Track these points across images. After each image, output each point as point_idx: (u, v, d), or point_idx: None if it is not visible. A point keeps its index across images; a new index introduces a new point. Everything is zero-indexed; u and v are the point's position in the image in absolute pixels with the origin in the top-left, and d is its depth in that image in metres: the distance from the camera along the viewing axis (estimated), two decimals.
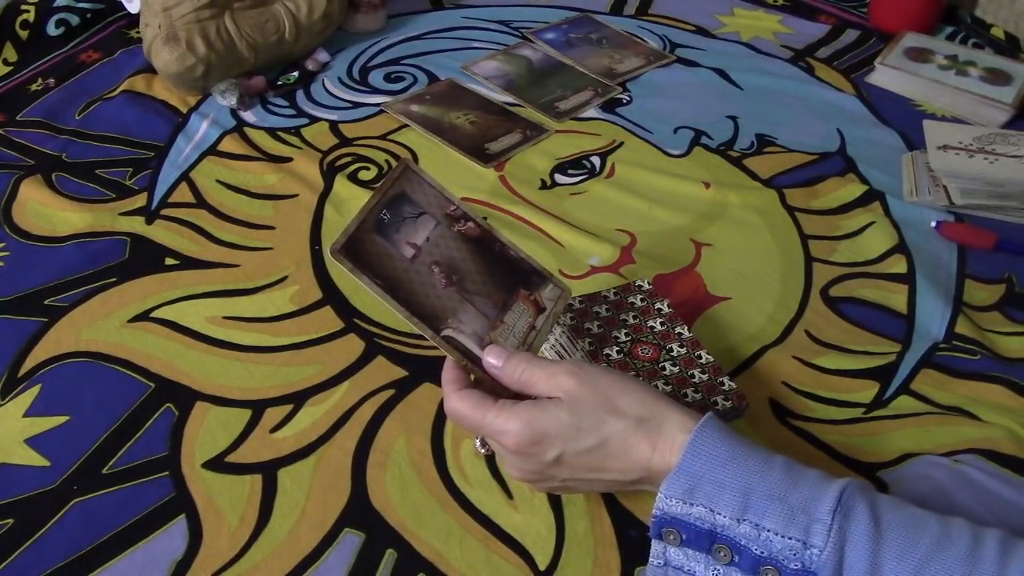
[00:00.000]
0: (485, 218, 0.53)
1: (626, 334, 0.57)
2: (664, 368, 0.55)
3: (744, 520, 0.40)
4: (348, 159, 0.80)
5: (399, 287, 0.48)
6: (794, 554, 0.39)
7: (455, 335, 0.48)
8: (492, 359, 0.48)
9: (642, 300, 0.60)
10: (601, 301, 0.59)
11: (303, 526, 0.50)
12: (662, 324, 0.58)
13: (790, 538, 0.39)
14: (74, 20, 0.95)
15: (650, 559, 0.43)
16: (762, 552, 0.40)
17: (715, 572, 0.41)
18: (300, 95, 0.88)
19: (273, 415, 0.56)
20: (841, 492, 0.40)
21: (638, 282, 0.61)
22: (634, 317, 0.58)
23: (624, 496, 0.52)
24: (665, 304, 0.59)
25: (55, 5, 0.94)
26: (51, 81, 0.88)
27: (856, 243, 0.72)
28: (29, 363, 0.59)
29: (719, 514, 0.40)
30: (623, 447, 0.44)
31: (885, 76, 0.94)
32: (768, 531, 0.40)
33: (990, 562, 0.38)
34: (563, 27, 1.02)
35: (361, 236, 0.48)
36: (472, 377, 0.48)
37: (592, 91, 0.91)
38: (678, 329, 0.58)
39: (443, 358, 0.48)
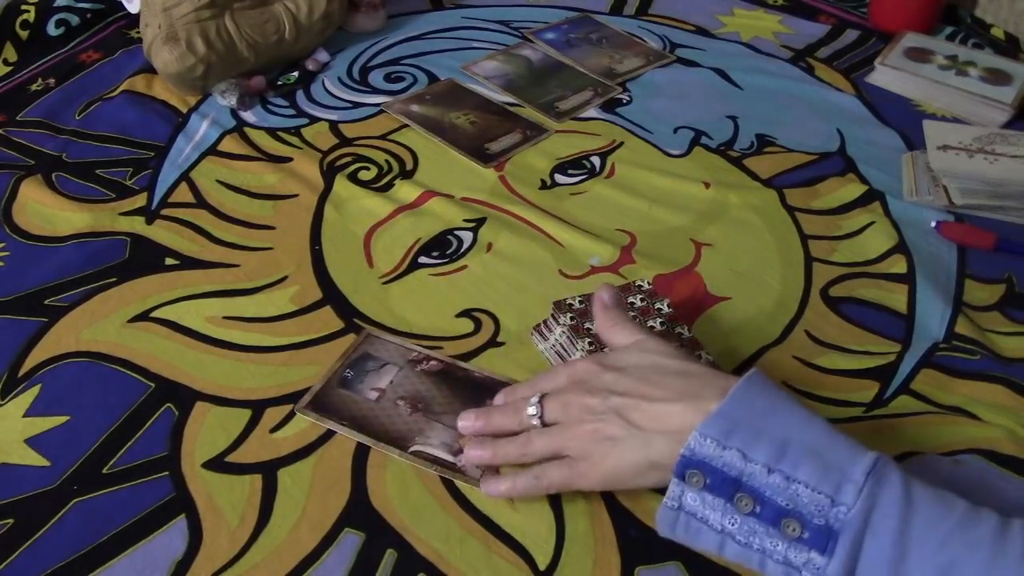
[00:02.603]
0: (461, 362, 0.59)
1: None
2: None
3: (776, 470, 0.40)
4: (348, 159, 0.80)
5: (365, 423, 0.55)
6: (820, 510, 0.39)
7: (423, 448, 0.53)
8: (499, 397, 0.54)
9: (642, 300, 0.60)
10: None
11: (303, 526, 0.50)
12: (662, 324, 0.58)
13: (820, 493, 0.39)
14: (74, 20, 0.95)
15: (664, 500, 0.43)
16: (787, 504, 0.39)
17: (732, 521, 0.41)
18: (300, 95, 0.88)
19: (273, 415, 0.56)
20: (877, 459, 0.40)
21: (638, 282, 0.61)
22: (634, 317, 0.58)
23: (624, 496, 0.52)
24: (665, 304, 0.59)
25: (55, 5, 0.94)
26: (51, 81, 0.88)
27: (856, 243, 0.72)
28: (29, 363, 0.59)
29: (752, 461, 0.40)
30: (701, 377, 0.45)
31: (885, 76, 0.94)
32: (799, 483, 0.39)
33: (1018, 543, 0.38)
34: (563, 27, 1.02)
35: (327, 392, 0.57)
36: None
37: (592, 91, 0.91)
38: (678, 329, 0.58)
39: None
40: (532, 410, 0.50)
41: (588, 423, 0.47)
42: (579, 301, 0.59)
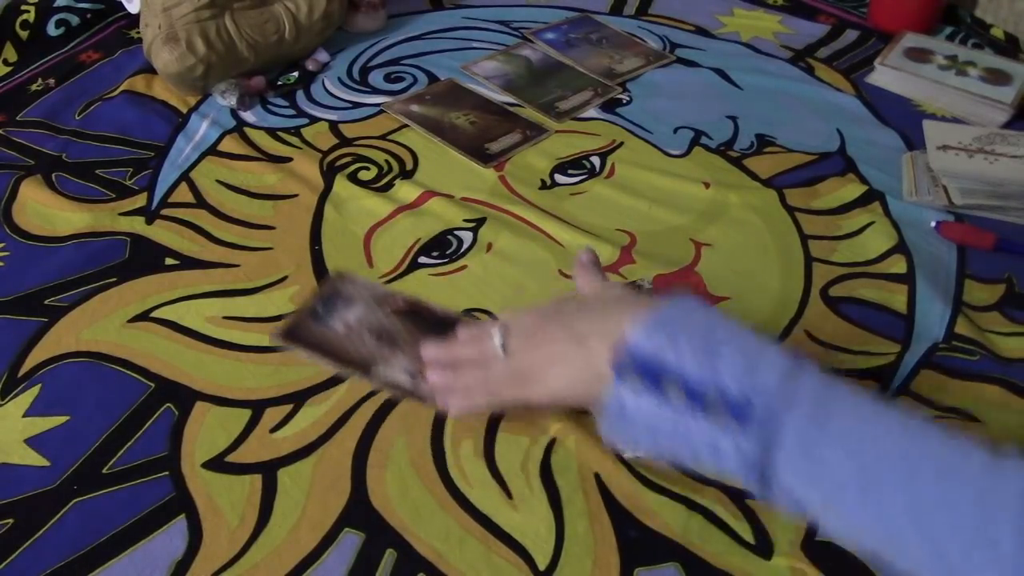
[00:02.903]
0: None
1: None
2: None
3: (702, 360, 0.42)
4: (348, 159, 0.80)
5: (332, 352, 0.58)
6: (741, 391, 0.41)
7: (384, 371, 0.56)
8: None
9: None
10: None
11: (303, 526, 0.50)
12: None
13: (743, 377, 0.41)
14: (74, 20, 0.95)
15: (605, 400, 0.45)
16: (712, 388, 0.42)
17: (662, 410, 0.43)
18: (300, 95, 0.88)
19: (273, 415, 0.56)
20: (797, 354, 0.42)
21: (639, 281, 0.61)
22: None
23: (624, 496, 0.52)
24: None
25: (55, 5, 0.94)
26: (51, 81, 0.88)
27: (856, 243, 0.72)
28: (29, 363, 0.59)
29: (679, 353, 0.43)
30: (649, 300, 0.48)
31: (885, 76, 0.94)
32: (723, 371, 0.42)
33: (935, 430, 0.40)
34: (563, 27, 1.02)
35: (298, 323, 0.60)
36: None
37: (592, 91, 0.91)
38: None
39: None
40: (496, 339, 0.52)
41: (546, 347, 0.50)
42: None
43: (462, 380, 0.53)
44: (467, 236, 0.71)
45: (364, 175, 0.78)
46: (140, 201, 0.73)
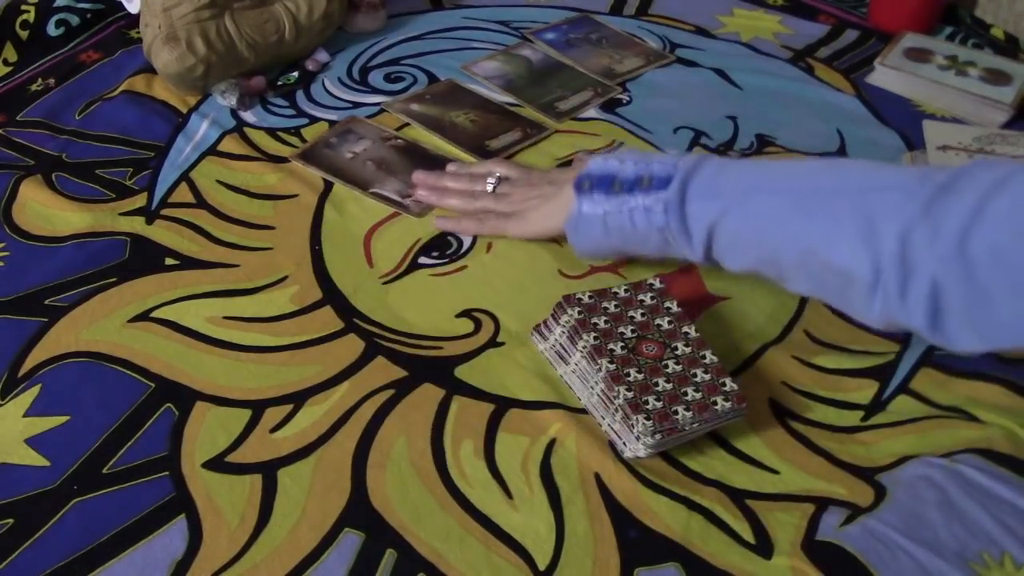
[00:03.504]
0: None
1: (632, 331, 0.57)
2: (667, 366, 0.55)
3: (642, 163, 0.60)
4: None
5: (338, 172, 0.76)
6: (664, 167, 0.58)
7: (379, 189, 0.74)
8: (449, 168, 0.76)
9: (652, 298, 0.60)
10: (611, 297, 0.59)
11: (303, 526, 0.50)
12: (669, 323, 0.58)
13: (668, 163, 0.59)
14: (74, 20, 0.95)
15: (568, 214, 0.62)
16: (644, 173, 0.59)
17: (609, 202, 0.60)
18: (300, 95, 0.88)
19: (273, 415, 0.56)
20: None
21: (649, 280, 0.61)
22: (642, 315, 0.58)
23: (624, 496, 0.52)
24: (674, 304, 0.59)
25: (55, 5, 0.94)
26: (51, 81, 0.88)
27: None
28: (29, 363, 0.59)
29: (624, 164, 0.60)
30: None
31: (885, 76, 0.94)
32: (654, 163, 0.59)
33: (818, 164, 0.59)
34: (563, 27, 1.02)
35: (312, 149, 0.78)
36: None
37: (592, 91, 0.91)
38: (685, 329, 0.58)
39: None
40: (490, 182, 0.71)
41: (532, 194, 0.67)
42: (588, 296, 0.59)
43: (445, 200, 0.72)
44: (467, 236, 0.71)
45: None
46: (140, 201, 0.73)
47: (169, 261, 0.68)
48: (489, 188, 0.71)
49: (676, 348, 0.57)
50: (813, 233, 0.52)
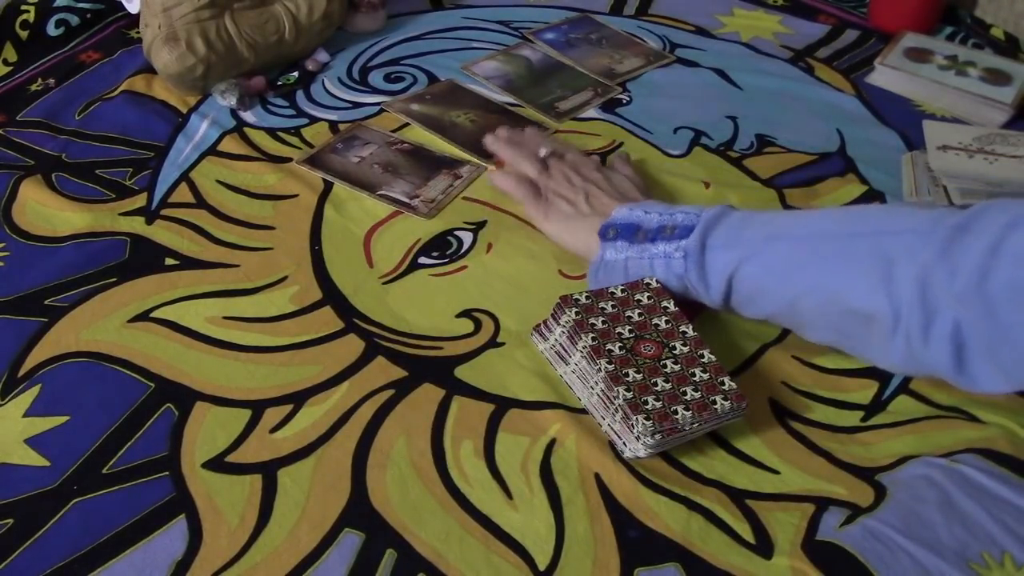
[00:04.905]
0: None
1: (630, 330, 0.57)
2: (665, 366, 0.55)
3: (666, 214, 0.61)
4: None
5: (345, 175, 0.76)
6: (688, 218, 0.59)
7: (386, 191, 0.74)
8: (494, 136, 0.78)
9: (648, 298, 0.60)
10: (608, 297, 0.59)
11: (303, 526, 0.50)
12: (667, 322, 0.58)
13: (692, 212, 0.60)
14: (74, 20, 0.95)
15: (591, 260, 0.63)
16: (668, 222, 0.60)
17: (631, 249, 0.61)
18: (300, 95, 0.88)
19: (273, 415, 0.56)
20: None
21: (646, 280, 0.61)
22: (640, 315, 0.58)
23: (624, 496, 0.52)
24: (671, 303, 0.59)
25: (55, 5, 0.94)
26: (51, 81, 0.88)
27: None
28: (29, 363, 0.59)
29: (649, 215, 0.61)
30: (637, 188, 0.70)
31: (885, 76, 0.94)
32: (679, 211, 0.60)
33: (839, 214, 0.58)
34: (563, 27, 1.02)
35: (320, 155, 0.79)
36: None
37: (592, 91, 0.91)
38: (682, 328, 0.58)
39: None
40: (543, 151, 0.74)
41: (565, 192, 0.68)
42: (585, 296, 0.59)
43: (515, 164, 0.73)
44: (467, 236, 0.71)
45: None
46: (140, 201, 0.73)
47: (169, 261, 0.68)
48: (542, 153, 0.74)
49: (674, 348, 0.57)
50: (831, 277, 0.52)
